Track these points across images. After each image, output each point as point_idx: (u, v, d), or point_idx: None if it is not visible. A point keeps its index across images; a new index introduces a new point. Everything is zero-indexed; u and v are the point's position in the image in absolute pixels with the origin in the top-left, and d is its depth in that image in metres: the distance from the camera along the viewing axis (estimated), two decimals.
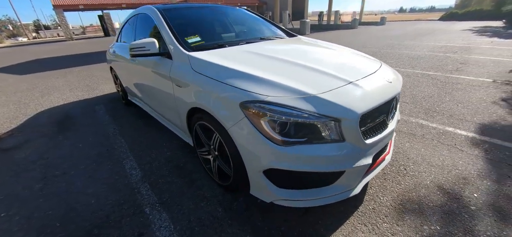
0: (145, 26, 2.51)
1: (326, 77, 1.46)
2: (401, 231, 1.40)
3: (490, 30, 12.87)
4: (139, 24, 2.66)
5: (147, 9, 2.44)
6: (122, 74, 3.30)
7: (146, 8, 2.46)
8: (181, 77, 1.73)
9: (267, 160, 1.27)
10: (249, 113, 1.27)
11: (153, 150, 2.41)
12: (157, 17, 2.19)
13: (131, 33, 2.90)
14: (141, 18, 2.63)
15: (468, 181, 1.78)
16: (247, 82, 1.38)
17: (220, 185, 1.80)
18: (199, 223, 1.52)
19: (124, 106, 3.76)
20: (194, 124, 1.77)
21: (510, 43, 8.12)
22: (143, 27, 2.57)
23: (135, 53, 1.93)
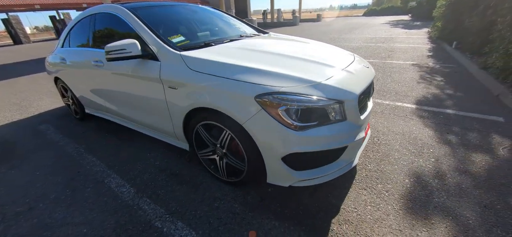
0: (109, 27, 2.24)
1: (321, 66, 1.64)
2: (392, 187, 1.71)
3: (401, 23, 15.82)
4: (100, 26, 2.35)
5: (112, 9, 2.18)
6: (77, 84, 2.84)
7: (111, 7, 2.20)
8: (175, 78, 1.65)
9: (287, 146, 1.37)
10: (266, 105, 1.34)
11: (138, 163, 2.20)
12: (130, 17, 1.99)
13: (85, 36, 2.53)
14: (101, 19, 2.33)
15: (423, 140, 2.26)
16: (255, 76, 1.43)
17: (228, 182, 1.81)
18: (221, 222, 1.51)
19: (79, 122, 3.24)
20: (195, 126, 1.72)
21: (417, 33, 10.22)
22: (106, 28, 2.29)
23: (113, 56, 1.73)
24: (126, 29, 2.01)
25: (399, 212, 1.51)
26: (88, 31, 2.46)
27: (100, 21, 2.33)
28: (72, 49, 2.72)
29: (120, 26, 2.10)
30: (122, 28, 2.08)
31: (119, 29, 2.11)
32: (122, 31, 2.07)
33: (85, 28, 2.52)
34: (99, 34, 2.36)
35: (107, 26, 2.27)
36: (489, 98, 3.13)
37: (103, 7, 2.28)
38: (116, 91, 2.23)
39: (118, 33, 2.14)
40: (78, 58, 2.58)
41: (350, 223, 1.45)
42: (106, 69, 2.19)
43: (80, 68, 2.60)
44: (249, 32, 2.66)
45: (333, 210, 1.55)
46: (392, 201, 1.60)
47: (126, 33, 2.01)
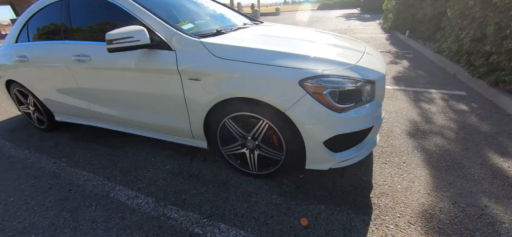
0: (95, 15, 1.89)
1: (347, 50, 1.70)
2: (407, 158, 1.88)
3: (353, 16, 17.33)
4: (79, 13, 1.96)
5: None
6: (44, 87, 2.33)
7: None
8: (199, 68, 1.50)
9: (332, 128, 1.39)
10: (311, 89, 1.32)
11: (144, 170, 1.94)
12: (127, 2, 1.70)
13: (55, 26, 2.09)
14: (81, 5, 1.94)
15: (414, 115, 2.55)
16: (293, 60, 1.40)
17: (257, 176, 1.75)
18: (267, 215, 1.45)
19: (45, 134, 2.68)
20: (221, 120, 1.60)
21: (371, 24, 11.34)
22: (91, 16, 1.92)
23: (117, 46, 1.47)
24: (122, 16, 1.72)
25: (420, 178, 1.68)
26: (60, 21, 2.03)
27: (79, 7, 1.94)
28: (35, 44, 2.21)
29: (111, 13, 1.79)
30: (114, 15, 1.77)
31: (111, 17, 1.80)
32: (115, 20, 1.77)
33: (54, 17, 2.07)
34: (79, 24, 1.97)
35: (91, 13, 1.90)
36: (448, 76, 3.70)
37: None
38: (109, 90, 1.91)
39: (109, 22, 1.82)
40: (47, 54, 2.11)
41: (386, 195, 1.56)
42: (94, 65, 1.85)
43: (50, 66, 2.13)
44: (247, 21, 2.56)
45: (367, 186, 1.64)
46: (412, 170, 1.77)
47: (122, 22, 1.72)
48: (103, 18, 1.85)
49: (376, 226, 1.35)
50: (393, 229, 1.33)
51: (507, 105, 2.53)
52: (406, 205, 1.47)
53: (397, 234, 1.30)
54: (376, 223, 1.37)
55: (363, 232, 1.33)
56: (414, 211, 1.43)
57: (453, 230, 1.30)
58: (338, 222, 1.39)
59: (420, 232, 1.30)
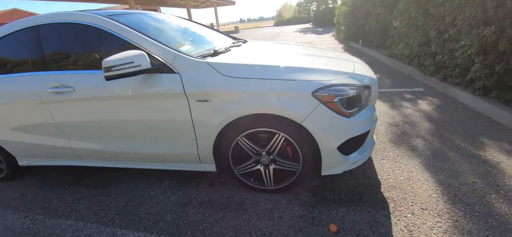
0: (75, 43, 1.70)
1: (339, 60, 1.85)
2: (399, 152, 2.09)
3: (308, 30, 18.92)
4: (56, 41, 1.73)
5: (80, 17, 1.63)
6: (4, 127, 1.94)
7: (77, 15, 1.64)
8: (208, 89, 1.46)
9: (345, 133, 1.48)
10: (323, 98, 1.40)
11: (145, 207, 1.75)
12: (118, 27, 1.58)
13: (21, 57, 1.81)
14: (58, 32, 1.71)
15: (389, 112, 2.86)
16: (301, 73, 1.48)
17: (273, 191, 1.72)
18: (295, 229, 1.44)
19: (4, 183, 2.20)
20: (233, 139, 1.56)
21: (325, 36, 12.51)
22: (69, 44, 1.72)
23: (116, 72, 1.35)
24: (112, 42, 1.59)
25: (416, 168, 1.87)
26: (30, 50, 1.76)
27: (55, 35, 1.71)
28: None
29: (97, 39, 1.64)
30: (102, 41, 1.63)
31: (97, 44, 1.64)
32: (104, 46, 1.62)
33: (21, 46, 1.78)
34: (55, 53, 1.73)
35: (71, 40, 1.70)
36: (404, 77, 4.28)
37: (59, 16, 1.68)
38: (99, 122, 1.69)
39: (96, 49, 1.66)
40: (11, 90, 1.78)
41: (394, 187, 1.69)
42: (79, 96, 1.63)
43: (14, 103, 1.80)
44: (233, 40, 2.59)
45: (375, 183, 1.76)
46: (406, 161, 1.96)
47: (113, 48, 1.59)
48: (87, 46, 1.67)
49: (397, 218, 1.45)
50: (411, 217, 1.44)
51: (457, 95, 3.03)
52: (413, 193, 1.62)
53: (416, 221, 1.42)
54: (395, 215, 1.47)
55: (388, 225, 1.41)
56: (421, 197, 1.58)
57: (457, 208, 1.48)
58: (363, 221, 1.45)
59: (433, 215, 1.44)
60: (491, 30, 2.41)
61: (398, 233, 1.36)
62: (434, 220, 1.41)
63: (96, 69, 1.62)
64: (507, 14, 2.33)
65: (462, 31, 2.85)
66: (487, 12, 2.51)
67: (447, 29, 3.24)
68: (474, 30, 2.66)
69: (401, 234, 1.35)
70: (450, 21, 3.16)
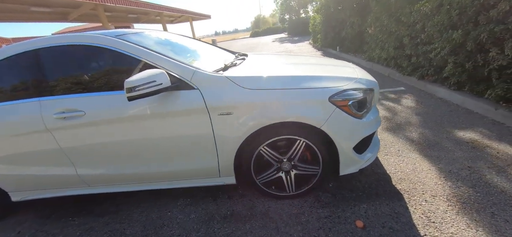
0: (83, 65, 1.63)
1: (343, 67, 2.00)
2: (399, 146, 2.27)
3: (285, 39, 19.64)
4: (60, 64, 1.64)
5: (89, 39, 1.57)
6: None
7: (85, 36, 1.58)
8: (230, 102, 1.49)
9: (360, 133, 1.60)
10: (338, 103, 1.52)
11: (167, 228, 1.68)
12: (130, 47, 1.55)
13: (19, 83, 1.69)
14: (62, 55, 1.63)
15: (379, 111, 3.09)
16: (316, 82, 1.58)
17: (293, 196, 1.77)
18: (324, 230, 1.49)
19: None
20: (255, 150, 1.60)
21: (303, 45, 13.09)
22: (75, 67, 1.64)
23: (140, 93, 1.33)
24: (125, 62, 1.57)
25: (418, 159, 2.05)
26: (28, 75, 1.64)
27: (59, 57, 1.62)
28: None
29: (109, 61, 1.60)
30: (114, 62, 1.59)
31: (108, 65, 1.60)
32: (116, 67, 1.58)
33: (17, 71, 1.65)
34: (59, 76, 1.64)
35: (78, 63, 1.62)
36: (385, 77, 4.65)
37: (64, 39, 1.60)
38: (112, 145, 1.61)
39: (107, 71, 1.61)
40: (8, 118, 1.63)
41: (403, 180, 1.84)
42: (91, 119, 1.55)
43: (14, 131, 1.65)
44: (237, 54, 2.63)
45: (386, 177, 1.89)
46: (408, 154, 2.14)
47: (126, 67, 1.56)
48: (97, 67, 1.62)
49: (413, 207, 1.58)
50: (426, 205, 1.58)
51: (435, 91, 3.39)
52: (422, 183, 1.78)
53: (431, 207, 1.55)
54: (411, 205, 1.60)
55: (407, 214, 1.53)
56: (429, 186, 1.74)
57: (461, 191, 1.65)
58: (385, 214, 1.55)
59: (444, 200, 1.59)
60: (459, 34, 2.77)
61: (418, 220, 1.48)
62: (445, 205, 1.56)
63: (108, 91, 1.57)
64: (469, 19, 2.70)
65: (433, 35, 3.22)
66: (452, 18, 2.88)
67: (418, 34, 3.63)
68: (443, 35, 3.02)
69: (421, 221, 1.47)
70: (420, 27, 3.55)
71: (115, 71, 1.58)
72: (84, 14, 11.25)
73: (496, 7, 2.40)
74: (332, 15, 8.03)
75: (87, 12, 10.97)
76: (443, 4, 2.97)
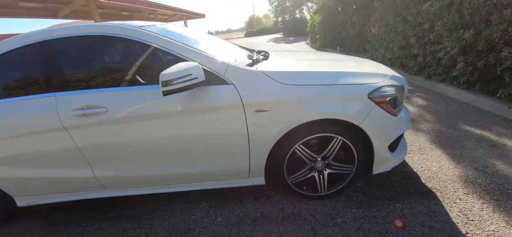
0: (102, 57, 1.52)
1: (371, 65, 1.96)
2: (420, 145, 2.27)
3: (280, 39, 19.65)
4: (74, 58, 1.53)
5: (112, 28, 1.45)
6: (3, 162, 1.60)
7: (110, 26, 1.46)
8: (267, 98, 1.42)
9: (395, 131, 1.57)
10: (377, 100, 1.47)
11: (194, 233, 1.59)
12: (160, 39, 1.45)
13: (27, 77, 1.55)
14: (75, 47, 1.50)
15: None
16: (354, 78, 1.54)
17: (325, 196, 1.71)
18: (363, 231, 1.45)
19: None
20: (290, 149, 1.53)
21: (300, 45, 13.13)
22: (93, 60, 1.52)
23: (176, 87, 1.23)
24: (149, 54, 1.45)
25: (442, 157, 2.05)
26: (42, 68, 1.49)
27: (76, 49, 1.50)
28: None
29: (134, 53, 1.50)
30: (137, 54, 1.48)
31: (133, 57, 1.49)
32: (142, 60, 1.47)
33: (29, 64, 1.51)
34: (76, 70, 1.52)
35: (96, 54, 1.50)
36: None
37: (84, 28, 1.47)
38: (137, 144, 1.50)
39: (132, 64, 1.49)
40: (17, 115, 1.48)
41: (432, 178, 1.82)
42: (113, 116, 1.43)
43: (24, 130, 1.50)
44: (259, 51, 2.54)
45: (414, 176, 1.87)
46: (431, 152, 2.13)
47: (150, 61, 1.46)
48: (119, 60, 1.50)
49: (449, 205, 1.56)
50: (460, 203, 1.56)
51: (444, 90, 3.43)
52: (452, 181, 1.76)
53: (466, 205, 1.54)
54: (446, 203, 1.58)
55: (444, 213, 1.50)
56: (459, 184, 1.73)
57: (492, 188, 1.64)
58: (422, 213, 1.52)
59: (477, 198, 1.58)
60: (470, 33, 2.81)
61: (456, 218, 1.46)
62: (480, 203, 1.55)
63: (133, 85, 1.46)
64: (481, 18, 2.74)
65: (443, 35, 3.26)
66: (464, 18, 2.91)
67: (426, 34, 3.67)
68: (454, 34, 3.06)
69: (459, 219, 1.45)
70: (428, 27, 3.60)
71: (141, 65, 1.46)
72: (75, 10, 10.79)
73: (510, 7, 2.43)
74: (332, 15, 8.08)
75: (78, 9, 10.52)
76: (454, 3, 3.00)
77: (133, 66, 1.47)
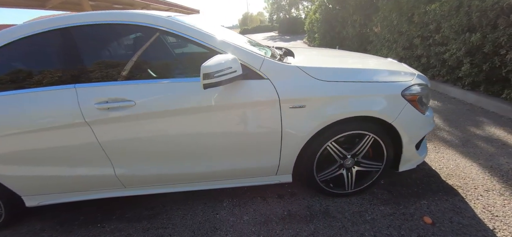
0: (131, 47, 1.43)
1: (395, 64, 1.97)
2: (435, 145, 2.31)
3: (276, 37, 19.61)
4: (94, 47, 1.44)
5: (140, 17, 1.37)
6: (15, 159, 1.48)
7: (137, 15, 1.37)
8: (304, 94, 1.40)
9: (424, 129, 1.60)
10: (409, 98, 1.48)
11: (221, 232, 1.55)
12: (189, 28, 1.39)
13: (38, 67, 1.44)
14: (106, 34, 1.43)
15: None
16: (386, 75, 1.55)
17: (351, 193, 1.71)
18: (394, 228, 1.46)
19: None
20: (321, 146, 1.51)
21: (297, 43, 13.16)
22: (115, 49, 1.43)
23: (217, 79, 1.19)
24: (180, 46, 1.39)
25: (457, 155, 2.10)
26: (60, 58, 1.40)
27: (98, 37, 1.41)
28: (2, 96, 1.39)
29: (159, 43, 1.42)
30: (167, 46, 1.41)
31: (160, 48, 1.41)
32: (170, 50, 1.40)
33: (46, 52, 1.40)
34: (103, 59, 1.43)
35: (121, 44, 1.42)
36: None
37: (108, 16, 1.37)
38: (165, 140, 1.44)
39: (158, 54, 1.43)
40: (32, 108, 1.37)
41: (452, 175, 1.86)
42: (140, 111, 1.36)
43: (39, 125, 1.39)
44: (281, 48, 2.51)
45: (434, 174, 1.90)
46: (446, 151, 2.18)
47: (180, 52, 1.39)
48: (147, 51, 1.41)
49: (472, 202, 1.59)
50: (483, 199, 1.61)
51: (448, 91, 3.53)
52: (470, 178, 1.81)
53: (489, 201, 1.58)
54: (469, 199, 1.61)
55: (469, 209, 1.54)
56: (479, 181, 1.77)
57: (510, 184, 1.70)
58: (448, 209, 1.55)
59: (498, 194, 1.63)
60: (477, 36, 2.89)
61: (482, 214, 1.50)
62: (501, 199, 1.59)
63: (162, 78, 1.39)
64: (489, 22, 2.83)
65: (449, 37, 3.34)
66: (472, 20, 2.99)
67: (432, 35, 3.76)
68: (460, 37, 3.14)
69: (485, 215, 1.49)
70: (434, 28, 3.68)
71: (172, 57, 1.40)
72: (65, 1, 10.29)
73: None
74: (332, 13, 8.13)
75: (68, 0, 10.05)
76: (463, 5, 3.08)
77: (163, 58, 1.40)
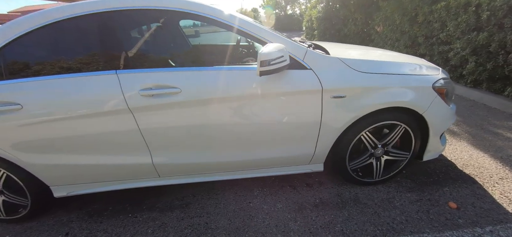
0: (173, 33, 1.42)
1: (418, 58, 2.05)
2: (448, 137, 2.43)
3: None
4: (143, 30, 1.41)
5: (184, 4, 1.36)
6: (48, 146, 1.44)
7: (187, 3, 1.36)
8: (345, 85, 1.45)
9: (449, 121, 1.71)
10: (438, 90, 1.57)
11: (257, 219, 1.59)
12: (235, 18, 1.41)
13: (78, 51, 1.41)
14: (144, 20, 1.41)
15: None
16: (417, 68, 1.65)
17: (377, 182, 1.79)
18: (424, 212, 1.55)
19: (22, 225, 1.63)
20: (356, 135, 1.58)
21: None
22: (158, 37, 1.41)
23: (273, 67, 1.23)
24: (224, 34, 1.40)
25: (470, 147, 2.23)
26: (101, 42, 1.37)
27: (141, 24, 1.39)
28: (39, 81, 1.35)
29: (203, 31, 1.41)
30: (211, 34, 1.41)
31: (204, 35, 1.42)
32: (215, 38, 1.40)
33: (86, 36, 1.37)
34: (146, 46, 1.42)
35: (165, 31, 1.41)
36: None
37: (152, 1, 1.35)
38: (209, 129, 1.45)
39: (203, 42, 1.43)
40: (75, 94, 1.34)
41: (467, 165, 1.98)
42: (186, 98, 1.36)
43: (78, 112, 1.36)
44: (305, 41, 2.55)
45: (450, 164, 2.02)
46: (458, 143, 2.31)
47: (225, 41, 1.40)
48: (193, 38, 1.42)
49: (490, 189, 1.71)
50: (499, 186, 1.73)
51: None
52: (485, 168, 1.94)
53: (505, 189, 1.71)
54: (487, 186, 1.73)
55: (488, 195, 1.66)
56: (492, 170, 1.90)
57: None
58: (469, 195, 1.66)
59: (510, 181, 1.76)
60: (484, 35, 3.04)
61: (500, 199, 1.62)
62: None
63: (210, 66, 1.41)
64: (497, 21, 2.97)
65: (454, 36, 3.49)
66: (480, 19, 3.12)
67: (436, 34, 3.90)
68: (466, 36, 3.29)
69: (503, 200, 1.61)
70: (438, 27, 3.82)
71: (218, 45, 1.40)
72: None
73: None
74: (332, 11, 8.22)
75: None
76: (471, 4, 3.20)
77: (209, 46, 1.40)
